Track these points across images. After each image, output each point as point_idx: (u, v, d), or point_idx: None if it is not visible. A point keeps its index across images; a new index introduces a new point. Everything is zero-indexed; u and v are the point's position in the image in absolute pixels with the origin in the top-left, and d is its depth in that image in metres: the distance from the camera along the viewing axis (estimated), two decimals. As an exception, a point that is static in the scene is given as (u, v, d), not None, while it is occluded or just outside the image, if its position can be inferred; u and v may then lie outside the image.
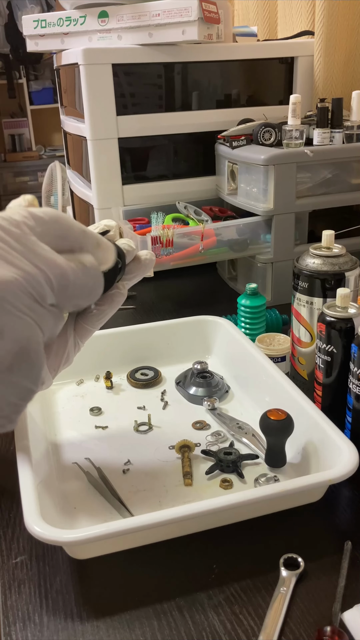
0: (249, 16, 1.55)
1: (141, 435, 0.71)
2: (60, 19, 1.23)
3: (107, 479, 0.63)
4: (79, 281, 0.47)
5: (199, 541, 0.55)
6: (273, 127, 1.08)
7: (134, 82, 1.15)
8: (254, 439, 0.68)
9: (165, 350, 0.85)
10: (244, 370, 0.78)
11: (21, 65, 4.00)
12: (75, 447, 0.68)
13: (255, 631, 0.47)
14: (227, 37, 1.18)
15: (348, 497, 0.61)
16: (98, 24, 1.16)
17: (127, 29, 1.12)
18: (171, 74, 1.17)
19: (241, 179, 1.09)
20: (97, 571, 0.53)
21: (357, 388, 0.62)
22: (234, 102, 1.25)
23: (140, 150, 1.21)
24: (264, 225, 1.04)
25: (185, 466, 0.64)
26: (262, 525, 0.56)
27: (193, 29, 1.04)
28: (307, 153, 1.00)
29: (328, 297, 0.70)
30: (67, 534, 0.49)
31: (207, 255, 1.03)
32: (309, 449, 0.62)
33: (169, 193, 1.22)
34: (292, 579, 0.51)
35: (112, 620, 0.48)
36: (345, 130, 1.06)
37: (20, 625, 0.48)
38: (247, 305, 0.87)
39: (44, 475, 0.59)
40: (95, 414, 0.75)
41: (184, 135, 1.22)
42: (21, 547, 0.56)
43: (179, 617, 0.48)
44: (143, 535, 0.53)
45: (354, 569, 0.52)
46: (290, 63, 1.27)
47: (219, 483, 0.62)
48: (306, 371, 0.75)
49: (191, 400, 0.77)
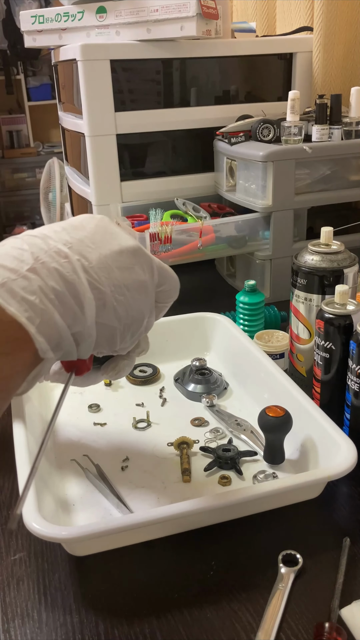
0: (247, 12, 1.55)
1: (140, 432, 0.71)
2: (58, 14, 1.22)
3: (106, 475, 0.63)
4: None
5: (198, 538, 0.55)
6: (272, 124, 1.08)
7: (132, 78, 1.15)
8: (253, 435, 0.68)
9: (163, 347, 0.84)
10: (242, 367, 0.78)
11: (19, 61, 3.98)
12: (73, 444, 0.68)
13: (253, 627, 0.47)
14: (226, 33, 1.17)
15: (346, 493, 0.61)
16: (96, 19, 1.16)
17: (125, 24, 1.12)
18: (169, 70, 1.17)
19: (240, 176, 1.09)
20: (96, 568, 0.53)
21: (356, 385, 0.62)
22: (233, 98, 1.24)
23: (139, 146, 1.20)
24: (263, 221, 1.04)
25: (183, 463, 0.64)
26: (261, 522, 0.57)
27: (191, 24, 1.04)
28: (306, 149, 1.00)
29: (327, 293, 0.70)
30: (66, 531, 0.49)
31: (206, 251, 1.03)
32: (308, 446, 0.62)
33: (168, 189, 1.22)
34: (291, 575, 0.51)
35: (110, 617, 0.49)
36: (344, 126, 1.06)
37: (19, 622, 0.49)
38: (246, 302, 0.87)
39: (43, 473, 0.59)
40: (93, 411, 0.75)
41: (183, 131, 1.22)
42: (20, 544, 0.56)
43: (178, 614, 0.48)
44: (141, 532, 0.53)
45: (352, 566, 0.52)
46: (289, 59, 1.26)
47: (217, 480, 0.62)
48: (305, 368, 0.75)
49: (190, 397, 0.77)
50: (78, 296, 0.42)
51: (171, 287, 0.51)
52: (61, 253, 0.42)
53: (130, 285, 0.45)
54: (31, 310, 0.39)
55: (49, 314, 0.40)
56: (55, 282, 0.41)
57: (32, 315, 0.39)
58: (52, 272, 0.41)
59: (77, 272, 0.42)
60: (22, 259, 0.40)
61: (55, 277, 0.41)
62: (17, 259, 0.40)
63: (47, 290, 0.40)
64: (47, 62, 4.04)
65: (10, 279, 0.39)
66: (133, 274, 0.46)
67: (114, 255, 0.45)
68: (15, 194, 4.07)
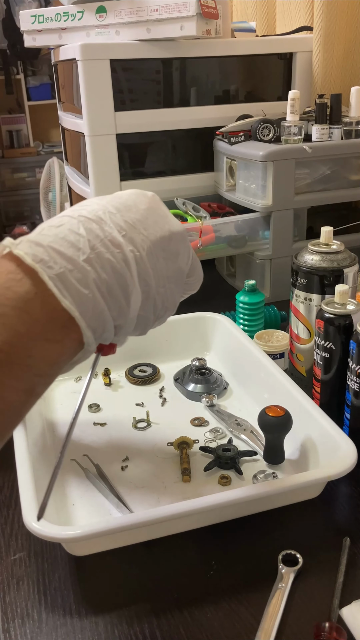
0: (247, 11, 1.55)
1: (139, 431, 0.71)
2: (57, 14, 1.22)
3: (106, 475, 0.63)
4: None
5: (198, 538, 0.55)
6: (272, 123, 1.08)
7: (132, 78, 1.15)
8: (253, 435, 0.68)
9: (163, 347, 0.84)
10: (242, 367, 0.78)
11: (19, 60, 3.97)
12: (73, 443, 0.68)
13: (253, 627, 0.47)
14: (226, 33, 1.17)
15: (346, 493, 0.61)
16: (96, 19, 1.16)
17: (125, 24, 1.12)
18: (169, 69, 1.17)
19: (240, 175, 1.09)
20: (96, 568, 0.53)
21: (356, 385, 0.62)
22: (233, 98, 1.24)
23: (139, 146, 1.20)
24: (263, 221, 1.04)
25: (183, 463, 0.64)
26: (261, 522, 0.56)
27: (191, 24, 1.04)
28: (306, 149, 1.00)
29: (327, 293, 0.70)
30: (66, 531, 0.49)
31: (206, 251, 1.03)
32: (308, 446, 0.62)
33: (167, 189, 1.22)
34: (291, 575, 0.51)
35: (110, 617, 0.48)
36: (344, 126, 1.06)
37: (19, 622, 0.48)
38: (246, 302, 0.87)
39: (43, 472, 0.59)
40: (93, 411, 0.75)
41: (182, 131, 1.22)
42: (20, 544, 0.56)
43: (178, 614, 0.48)
44: (141, 531, 0.53)
45: (352, 565, 0.52)
46: (288, 59, 1.26)
47: (217, 479, 0.62)
48: (305, 368, 0.75)
49: (190, 396, 0.77)
50: (127, 289, 0.43)
51: (196, 280, 0.52)
52: (115, 242, 0.42)
53: (171, 276, 0.46)
54: (84, 304, 0.40)
55: (99, 308, 0.41)
56: (108, 275, 0.41)
57: (84, 310, 0.40)
58: (106, 264, 0.41)
59: (129, 264, 0.42)
60: (79, 246, 0.41)
61: (108, 270, 0.41)
62: (74, 246, 0.41)
63: (100, 283, 0.41)
64: (47, 62, 4.04)
65: (67, 269, 0.40)
66: (175, 263, 0.47)
67: (163, 241, 0.45)
68: (15, 194, 4.07)
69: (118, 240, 0.42)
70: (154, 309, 0.46)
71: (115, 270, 0.42)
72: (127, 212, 0.44)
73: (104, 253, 0.41)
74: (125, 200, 0.46)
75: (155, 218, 0.46)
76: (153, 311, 0.46)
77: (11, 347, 0.37)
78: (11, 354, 0.37)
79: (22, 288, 0.38)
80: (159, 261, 0.45)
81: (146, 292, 0.44)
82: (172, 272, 0.46)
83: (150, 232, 0.45)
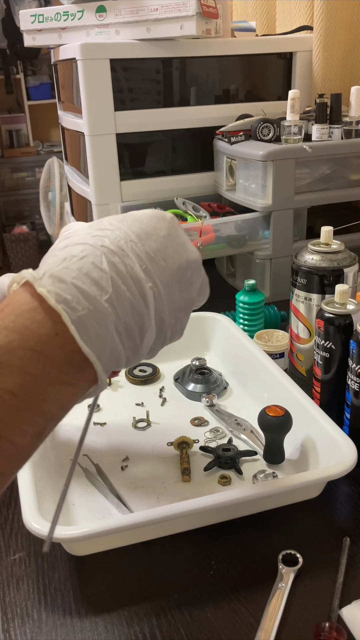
0: (247, 11, 1.55)
1: (139, 431, 0.71)
2: (57, 13, 1.22)
3: (106, 475, 0.63)
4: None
5: (197, 537, 0.55)
6: (272, 123, 1.08)
7: (132, 78, 1.15)
8: (253, 435, 0.68)
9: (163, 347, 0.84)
10: (242, 367, 0.78)
11: (18, 60, 3.97)
12: (73, 443, 0.68)
13: (253, 627, 0.47)
14: (226, 32, 1.17)
15: (346, 493, 0.61)
16: (96, 18, 1.15)
17: (125, 23, 1.12)
18: (169, 69, 1.17)
19: (240, 175, 1.09)
20: (96, 568, 0.53)
21: (356, 384, 0.62)
22: (233, 97, 1.24)
23: (139, 145, 1.20)
24: (263, 221, 1.04)
25: (183, 462, 0.64)
26: (261, 522, 0.56)
27: (191, 23, 1.04)
28: (306, 149, 1.00)
29: (327, 293, 0.70)
30: (66, 531, 0.49)
31: (206, 251, 1.03)
32: (308, 446, 0.62)
33: (167, 189, 1.22)
34: (291, 575, 0.51)
35: (110, 617, 0.48)
36: (344, 125, 1.06)
37: (18, 622, 0.48)
38: (246, 302, 0.87)
39: (42, 472, 0.59)
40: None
41: (182, 130, 1.22)
42: (19, 544, 0.56)
43: (178, 613, 0.48)
44: (141, 531, 0.53)
45: (352, 565, 0.52)
46: (288, 58, 1.26)
47: (217, 479, 0.62)
48: (305, 367, 0.75)
49: (190, 396, 0.77)
50: (143, 328, 0.42)
51: (203, 299, 0.51)
52: (135, 277, 0.41)
53: (184, 307, 0.46)
54: (102, 347, 0.39)
55: (117, 350, 0.40)
56: (127, 316, 0.40)
57: (101, 353, 0.39)
58: (126, 303, 0.40)
59: (148, 302, 0.41)
60: (102, 284, 0.39)
61: (127, 310, 0.40)
62: (97, 284, 0.39)
63: (119, 324, 0.40)
64: (47, 62, 4.04)
65: (90, 310, 0.38)
66: (188, 294, 0.46)
67: (180, 271, 0.44)
68: (15, 194, 4.07)
69: (139, 276, 0.41)
70: (163, 340, 0.45)
71: (134, 309, 0.41)
72: (147, 240, 0.43)
73: (124, 292, 0.40)
74: (145, 226, 0.44)
75: (175, 246, 0.45)
76: (161, 342, 0.46)
77: (27, 393, 0.36)
78: (26, 400, 0.36)
79: (42, 330, 0.37)
80: (174, 293, 0.44)
81: (160, 327, 0.43)
82: (184, 302, 0.45)
83: (168, 263, 0.43)
